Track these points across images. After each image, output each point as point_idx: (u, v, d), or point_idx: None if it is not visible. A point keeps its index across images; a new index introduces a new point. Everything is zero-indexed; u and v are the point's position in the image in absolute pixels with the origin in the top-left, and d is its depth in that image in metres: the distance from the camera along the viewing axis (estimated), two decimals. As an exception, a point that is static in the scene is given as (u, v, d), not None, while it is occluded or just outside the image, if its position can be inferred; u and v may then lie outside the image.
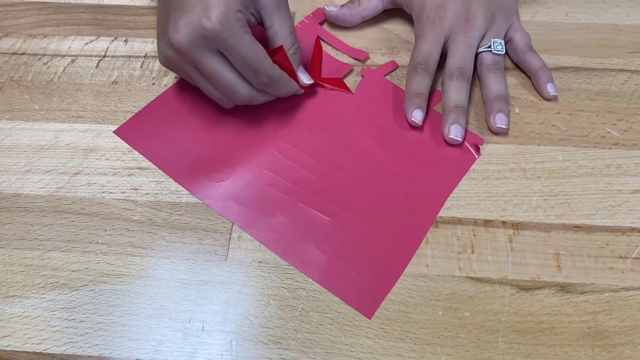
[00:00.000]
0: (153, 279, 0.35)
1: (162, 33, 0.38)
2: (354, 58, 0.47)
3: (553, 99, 0.44)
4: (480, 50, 0.44)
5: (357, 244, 0.37)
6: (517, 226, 0.38)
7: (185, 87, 0.44)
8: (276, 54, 0.38)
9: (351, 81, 0.46)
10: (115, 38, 0.48)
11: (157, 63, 0.46)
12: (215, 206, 0.38)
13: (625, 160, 0.41)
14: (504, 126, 0.41)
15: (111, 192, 0.39)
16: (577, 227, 0.38)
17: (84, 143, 0.41)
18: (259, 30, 0.39)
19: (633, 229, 0.38)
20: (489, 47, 0.44)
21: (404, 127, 0.43)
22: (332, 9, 0.48)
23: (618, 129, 0.42)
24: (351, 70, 0.46)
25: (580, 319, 0.34)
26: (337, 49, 0.48)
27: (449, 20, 0.44)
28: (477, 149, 0.41)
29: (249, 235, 0.37)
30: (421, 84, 0.43)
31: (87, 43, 0.48)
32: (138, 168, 0.40)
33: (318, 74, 0.45)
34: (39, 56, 0.47)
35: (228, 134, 0.42)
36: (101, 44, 0.48)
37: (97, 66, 0.46)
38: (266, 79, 0.37)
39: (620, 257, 0.36)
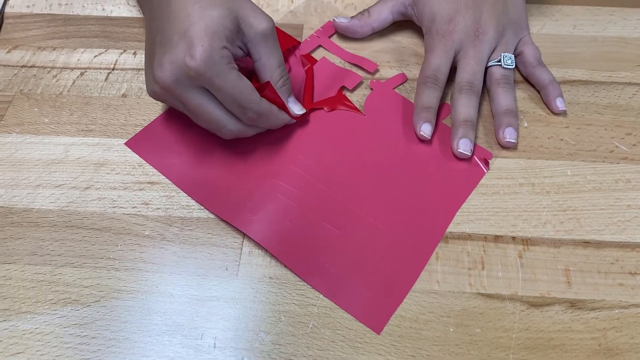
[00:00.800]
0: (165, 294, 0.35)
1: (148, 67, 0.38)
2: (364, 70, 0.47)
3: (562, 113, 0.44)
4: (490, 64, 0.44)
5: (365, 259, 0.37)
6: (527, 242, 0.38)
7: None
8: (264, 89, 0.37)
9: (360, 94, 0.46)
10: (124, 50, 0.48)
11: (166, 76, 0.46)
12: (225, 216, 0.38)
13: (634, 175, 0.41)
14: (513, 140, 0.41)
15: (122, 207, 0.39)
16: (586, 243, 0.38)
17: (95, 157, 0.42)
18: (249, 60, 0.40)
19: (642, 245, 0.38)
20: (499, 61, 0.44)
21: (413, 141, 0.43)
22: (342, 21, 0.48)
23: (626, 143, 0.42)
24: (360, 83, 0.46)
25: (591, 335, 0.34)
26: (346, 61, 0.48)
27: (459, 34, 0.44)
28: (486, 164, 0.41)
29: (259, 251, 0.37)
30: (430, 97, 0.43)
31: (96, 56, 0.48)
32: (149, 182, 0.40)
33: (311, 99, 0.45)
34: (49, 69, 0.47)
35: (240, 147, 0.41)
36: (110, 57, 0.48)
37: (106, 79, 0.46)
38: (254, 114, 0.37)
39: (630, 273, 0.37)
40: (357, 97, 0.46)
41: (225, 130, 0.38)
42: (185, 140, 0.42)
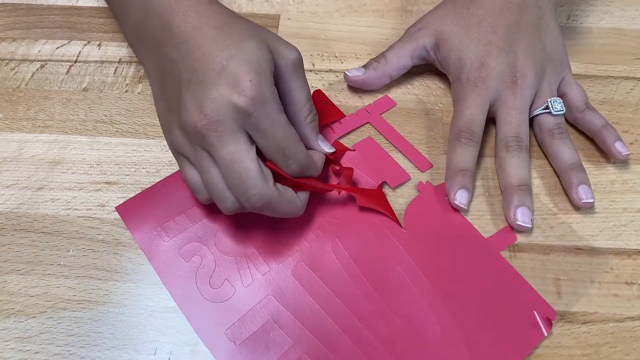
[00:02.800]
0: (117, 305, 0.32)
1: (170, 113, 0.32)
2: (414, 165, 0.39)
3: (625, 158, 0.38)
4: (536, 112, 0.39)
5: None
6: (513, 248, 0.35)
7: None
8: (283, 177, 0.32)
9: (402, 194, 0.37)
10: (89, 42, 0.45)
11: (132, 69, 0.43)
12: (204, 337, 0.31)
13: (631, 175, 0.38)
14: (590, 200, 0.35)
15: (76, 209, 0.36)
16: (578, 250, 0.35)
17: (50, 155, 0.39)
18: None
19: (639, 252, 0.35)
20: (547, 108, 0.38)
21: (460, 272, 0.33)
22: (356, 74, 0.41)
23: (624, 141, 0.39)
24: (407, 181, 0.38)
25: (583, 352, 0.31)
26: (399, 150, 0.39)
27: (494, 80, 0.38)
28: (549, 325, 0.32)
29: (223, 258, 0.34)
30: (465, 157, 0.36)
31: (58, 47, 0.45)
32: (106, 183, 0.37)
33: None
34: (6, 61, 0.44)
35: (240, 242, 0.35)
36: (73, 49, 0.45)
37: (67, 72, 0.43)
38: (298, 166, 0.31)
39: (626, 282, 0.34)
40: (398, 197, 0.37)
41: (255, 195, 0.30)
42: (180, 218, 0.36)
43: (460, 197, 0.35)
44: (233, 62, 0.30)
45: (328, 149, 0.35)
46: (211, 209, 0.35)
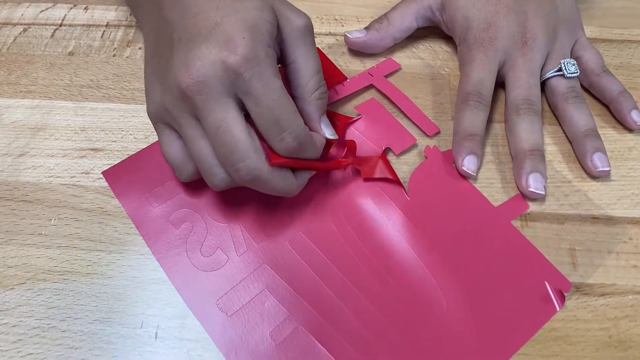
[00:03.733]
0: (101, 276, 0.30)
1: (156, 75, 0.29)
2: (421, 130, 0.36)
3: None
4: (549, 75, 0.36)
5: None
6: (525, 217, 0.33)
7: None
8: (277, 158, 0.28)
9: (407, 160, 0.35)
10: (75, 5, 0.43)
11: (120, 33, 0.41)
12: (194, 307, 0.29)
13: (650, 142, 0.36)
14: (607, 168, 0.33)
15: (59, 177, 0.34)
16: (595, 219, 0.33)
17: (32, 121, 0.36)
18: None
19: (660, 221, 0.32)
20: (560, 70, 0.36)
21: (467, 241, 0.31)
22: (357, 36, 0.39)
23: (641, 107, 0.37)
24: (413, 146, 0.36)
25: (600, 325, 0.29)
26: (404, 114, 0.37)
27: (503, 41, 0.36)
28: (562, 298, 0.30)
29: (215, 227, 0.32)
30: (474, 121, 0.34)
31: (42, 10, 0.42)
32: (91, 149, 0.35)
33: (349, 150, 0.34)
34: (-12, 25, 0.42)
35: (235, 209, 0.33)
36: (58, 12, 0.42)
37: (52, 36, 0.41)
38: (293, 141, 0.27)
39: (646, 253, 0.31)
40: (402, 164, 0.35)
41: (243, 167, 0.27)
42: (173, 184, 0.33)
43: (468, 163, 0.33)
44: (228, 20, 0.27)
45: (330, 134, 0.32)
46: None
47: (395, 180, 0.33)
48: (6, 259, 0.31)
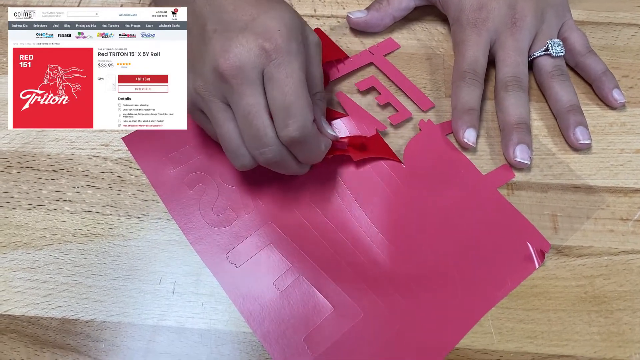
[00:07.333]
0: (122, 238, 0.33)
1: (189, 71, 0.31)
2: (416, 105, 0.39)
3: (621, 106, 0.39)
4: (536, 54, 0.39)
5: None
6: (511, 186, 0.35)
7: None
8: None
9: (403, 134, 0.37)
10: (90, -12, 0.45)
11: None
12: (206, 259, 0.32)
13: (630, 118, 0.38)
14: (587, 141, 0.36)
15: (81, 148, 0.37)
16: (576, 188, 0.35)
17: (54, 97, 0.39)
18: None
19: (636, 190, 0.35)
20: (547, 49, 0.39)
21: (456, 205, 0.34)
22: (359, 16, 0.41)
23: (623, 85, 0.39)
24: (409, 119, 0.39)
25: (577, 283, 0.32)
26: (402, 91, 0.40)
27: (493, 21, 0.38)
28: (542, 256, 0.33)
29: (225, 194, 0.35)
30: (471, 96, 0.37)
31: (59, -7, 0.45)
32: (109, 123, 0.38)
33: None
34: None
35: (244, 173, 0.35)
36: (74, -5, 0.45)
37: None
38: (295, 132, 0.29)
39: (622, 219, 0.34)
40: (398, 138, 0.38)
41: (269, 152, 0.29)
42: (188, 150, 0.36)
43: (468, 135, 0.36)
44: (265, 14, 0.29)
45: (331, 132, 0.33)
46: (215, 141, 0.35)
47: (389, 155, 0.36)
48: (35, 222, 0.34)
